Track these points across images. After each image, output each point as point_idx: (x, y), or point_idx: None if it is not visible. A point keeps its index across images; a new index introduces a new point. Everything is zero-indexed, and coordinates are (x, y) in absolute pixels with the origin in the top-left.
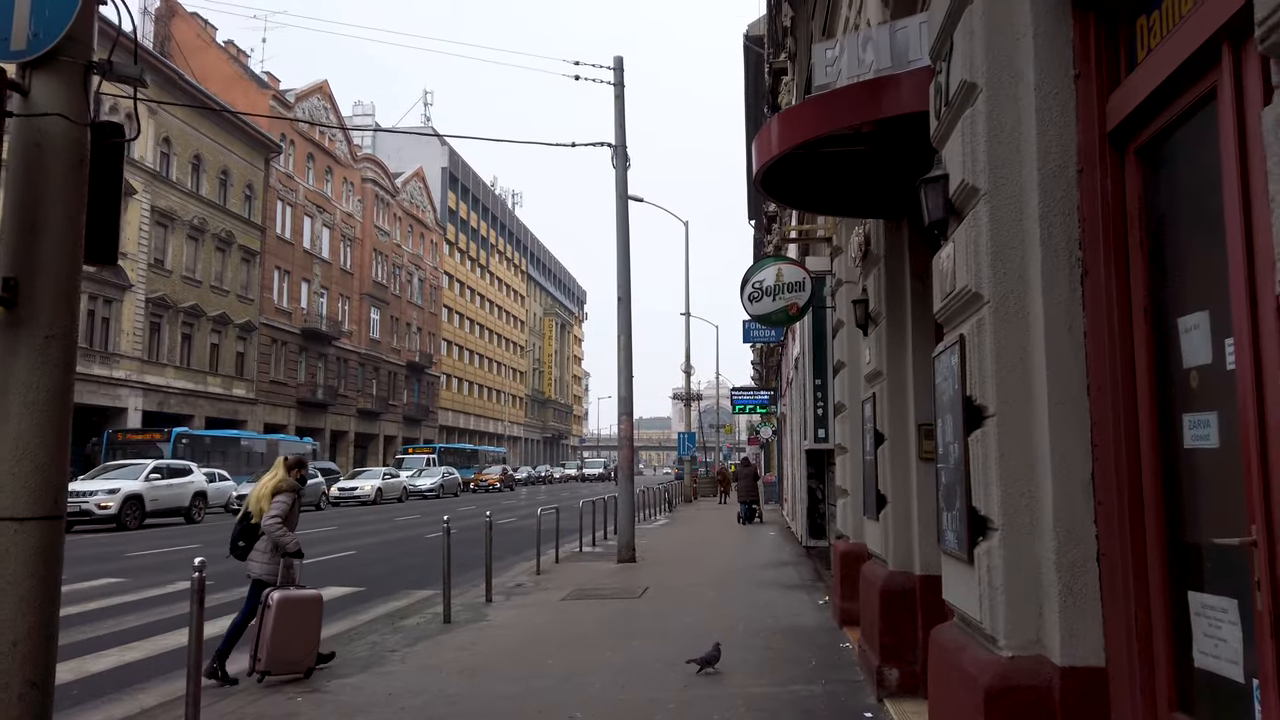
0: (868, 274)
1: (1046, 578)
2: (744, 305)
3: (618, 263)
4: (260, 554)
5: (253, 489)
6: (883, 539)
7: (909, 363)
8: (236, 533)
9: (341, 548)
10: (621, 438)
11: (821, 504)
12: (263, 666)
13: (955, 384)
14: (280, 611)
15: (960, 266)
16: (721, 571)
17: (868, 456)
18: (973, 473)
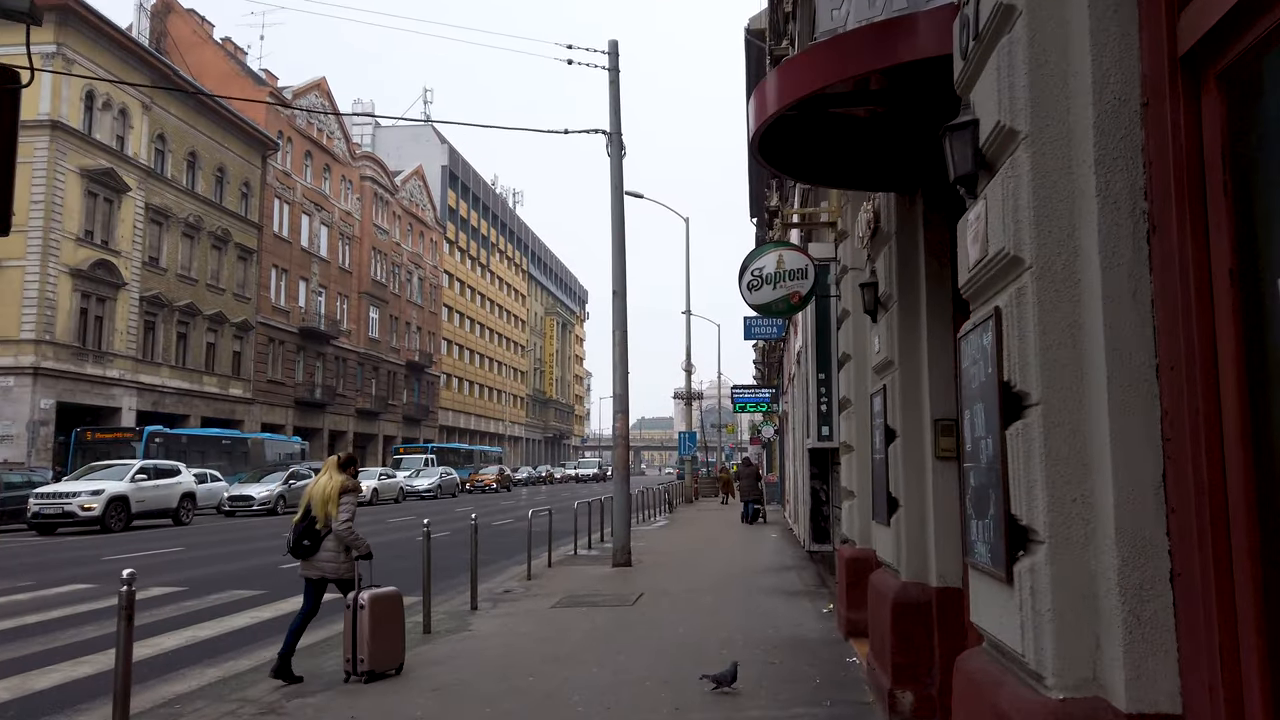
0: (877, 254)
1: (1106, 602)
2: (743, 294)
3: (613, 255)
4: (331, 553)
5: (310, 490)
6: (894, 547)
7: (923, 351)
8: (299, 531)
9: None
10: (617, 436)
11: (825, 506)
12: (366, 666)
13: (988, 368)
14: (373, 610)
15: (995, 227)
16: (720, 576)
17: (877, 455)
18: (1011, 474)
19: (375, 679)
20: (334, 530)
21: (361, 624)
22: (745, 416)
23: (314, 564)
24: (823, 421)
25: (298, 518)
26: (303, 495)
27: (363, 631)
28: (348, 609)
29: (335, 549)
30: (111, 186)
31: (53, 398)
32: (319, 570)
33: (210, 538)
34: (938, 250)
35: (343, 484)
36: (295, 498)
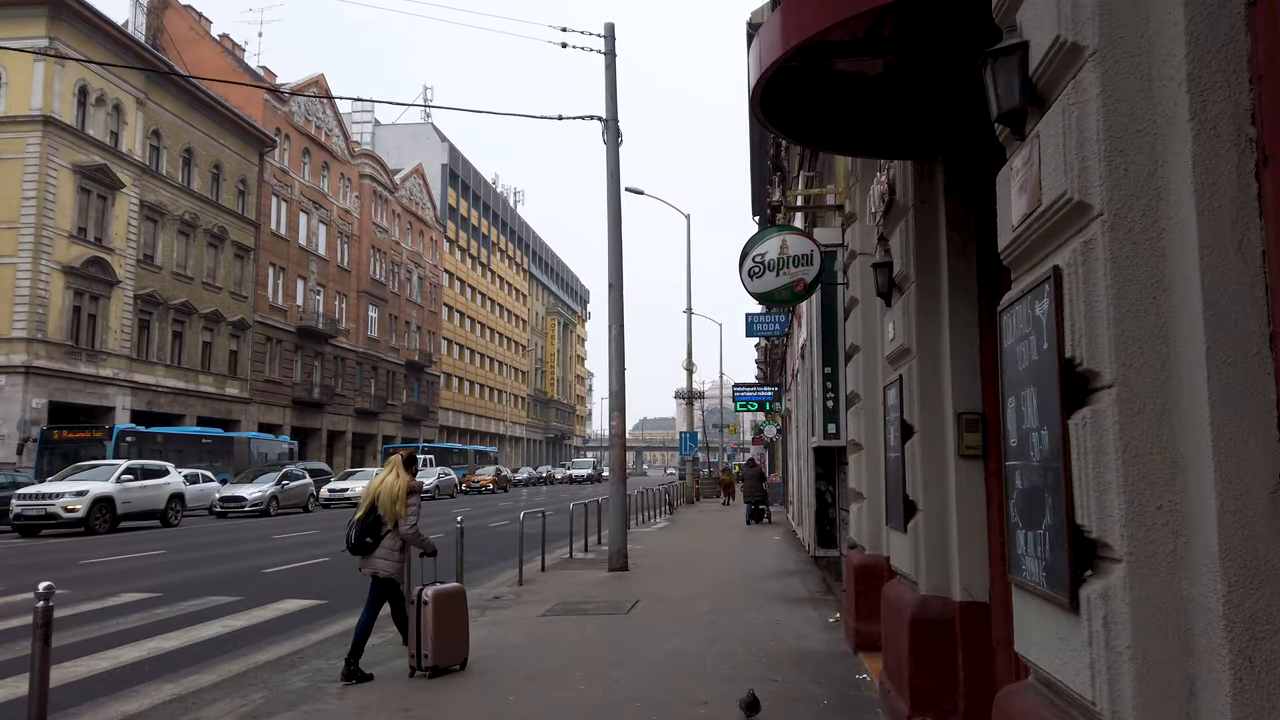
0: (891, 231)
1: (1205, 639)
2: (743, 282)
3: (609, 247)
4: (387, 552)
5: (373, 488)
6: (912, 556)
7: (944, 337)
8: (361, 529)
9: (317, 554)
10: (613, 435)
11: (831, 509)
12: (430, 662)
13: (1043, 343)
14: (437, 605)
15: (1051, 170)
16: (720, 581)
17: (891, 454)
18: (1076, 474)
19: (439, 674)
20: (401, 531)
21: (425, 620)
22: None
23: (371, 561)
24: (829, 418)
25: (359, 515)
26: (365, 492)
27: (426, 627)
28: (411, 605)
29: (391, 548)
30: (105, 183)
31: (45, 397)
32: (374, 567)
33: (197, 540)
34: (961, 224)
35: (409, 484)
36: (289, 499)
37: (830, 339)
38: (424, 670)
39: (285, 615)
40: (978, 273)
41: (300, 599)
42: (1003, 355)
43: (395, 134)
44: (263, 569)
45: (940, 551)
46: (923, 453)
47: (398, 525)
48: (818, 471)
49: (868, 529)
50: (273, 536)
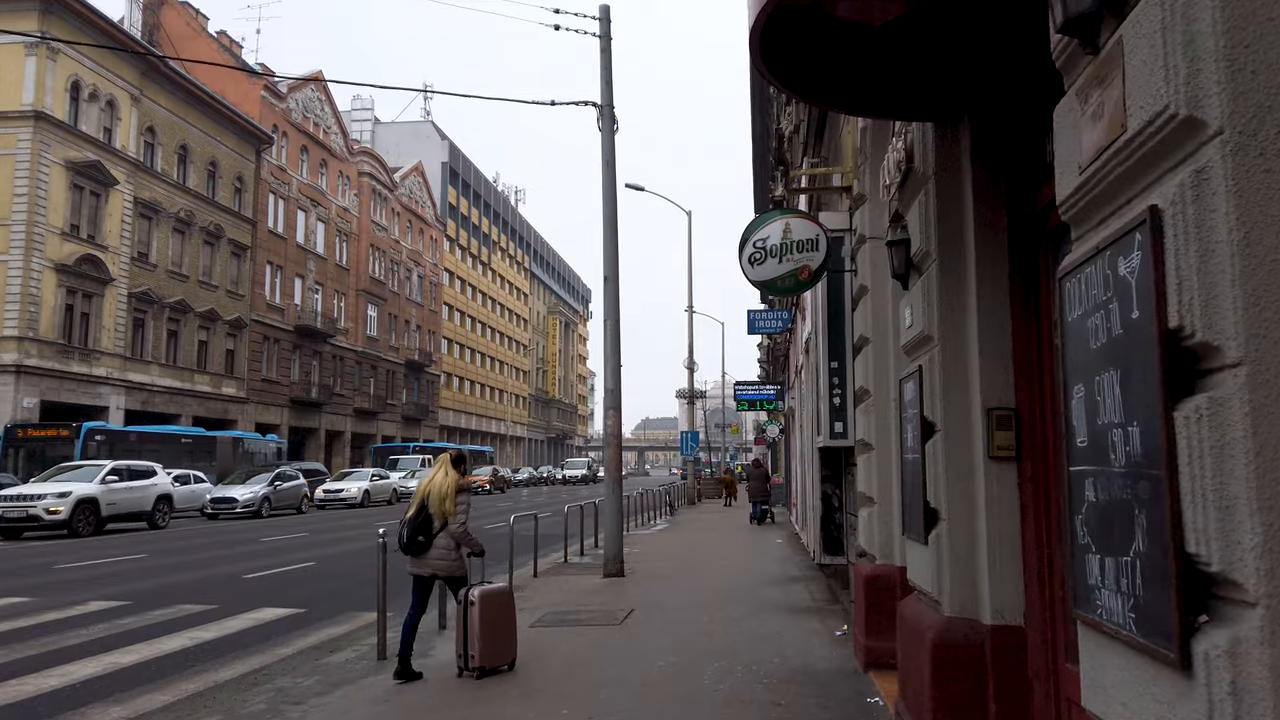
0: (909, 204)
1: None
2: (743, 269)
3: (604, 238)
4: (444, 550)
5: (423, 486)
6: (934, 571)
7: (971, 321)
8: (414, 528)
9: (303, 557)
10: (608, 434)
11: (838, 513)
12: (477, 662)
13: (1132, 309)
14: (484, 606)
15: (1142, 80)
16: (720, 589)
17: (909, 455)
18: (1185, 484)
19: (487, 675)
20: (449, 529)
21: (472, 620)
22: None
23: (426, 561)
24: (835, 417)
25: (411, 514)
26: (415, 491)
27: (473, 628)
28: (459, 605)
29: (447, 546)
30: (98, 180)
31: (36, 396)
32: (430, 567)
33: (181, 543)
34: (989, 193)
35: (459, 483)
36: (282, 500)
37: (837, 331)
38: (471, 671)
39: (259, 626)
40: (1009, 248)
41: (278, 607)
42: (1065, 333)
43: (395, 132)
44: (245, 574)
45: (967, 567)
46: (946, 454)
47: (448, 523)
48: (823, 473)
49: (879, 537)
50: (261, 539)
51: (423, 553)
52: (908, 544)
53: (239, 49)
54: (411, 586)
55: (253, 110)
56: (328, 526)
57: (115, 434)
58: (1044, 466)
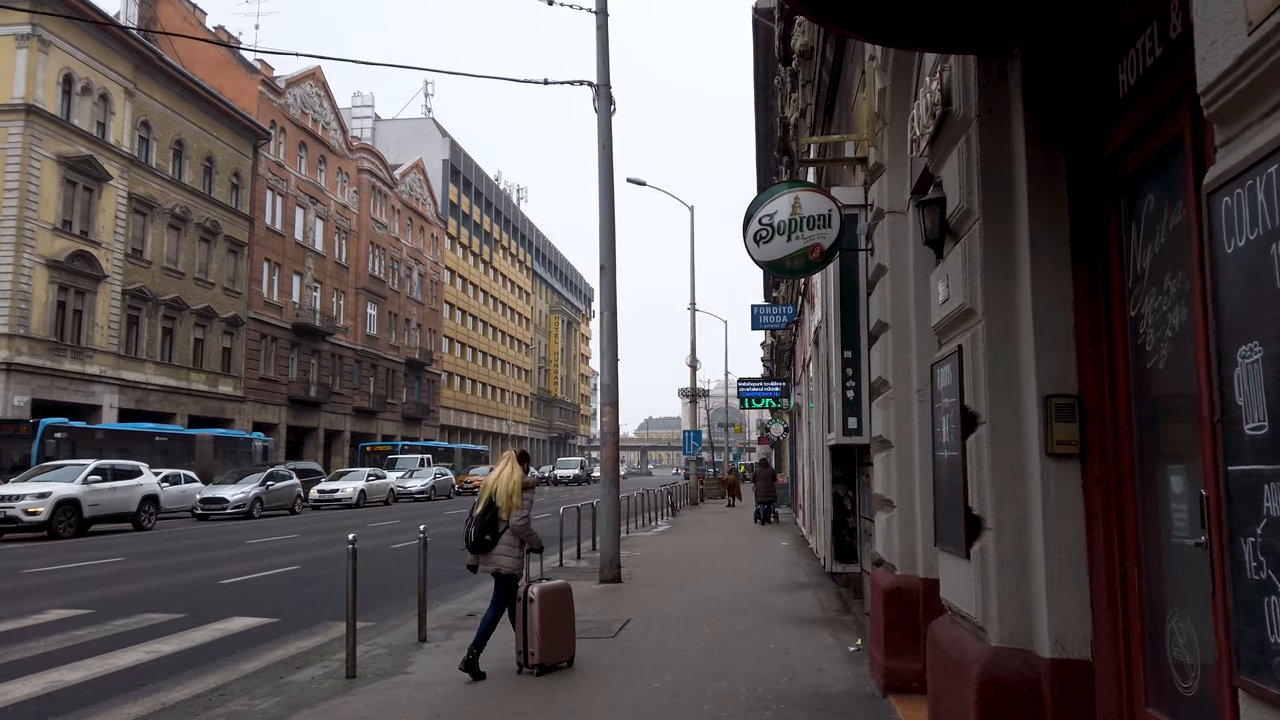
0: (944, 157)
1: None
2: (748, 248)
3: (600, 226)
4: (507, 548)
5: (490, 483)
6: (977, 591)
7: (1023, 291)
8: (482, 525)
9: (288, 561)
10: (604, 433)
11: (851, 517)
12: (537, 659)
13: None
14: (543, 603)
15: None
16: (722, 596)
17: (942, 453)
18: None
19: (546, 672)
20: (511, 525)
21: (532, 617)
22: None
23: (491, 558)
24: (849, 411)
25: (478, 511)
26: (481, 489)
27: (533, 625)
28: (519, 602)
29: (511, 544)
30: (91, 175)
31: (27, 394)
32: (495, 564)
33: (164, 545)
34: (1046, 138)
35: (524, 480)
36: (274, 501)
37: (850, 317)
38: (531, 668)
39: (225, 637)
40: (1070, 201)
41: (250, 616)
42: (1219, 271)
43: (395, 129)
44: (222, 579)
45: (1020, 588)
46: (993, 450)
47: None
48: (835, 474)
49: (899, 544)
50: (246, 541)
51: (489, 550)
52: (941, 557)
53: (237, 44)
54: (494, 585)
55: (250, 105)
56: (320, 528)
57: (78, 432)
58: (1115, 465)
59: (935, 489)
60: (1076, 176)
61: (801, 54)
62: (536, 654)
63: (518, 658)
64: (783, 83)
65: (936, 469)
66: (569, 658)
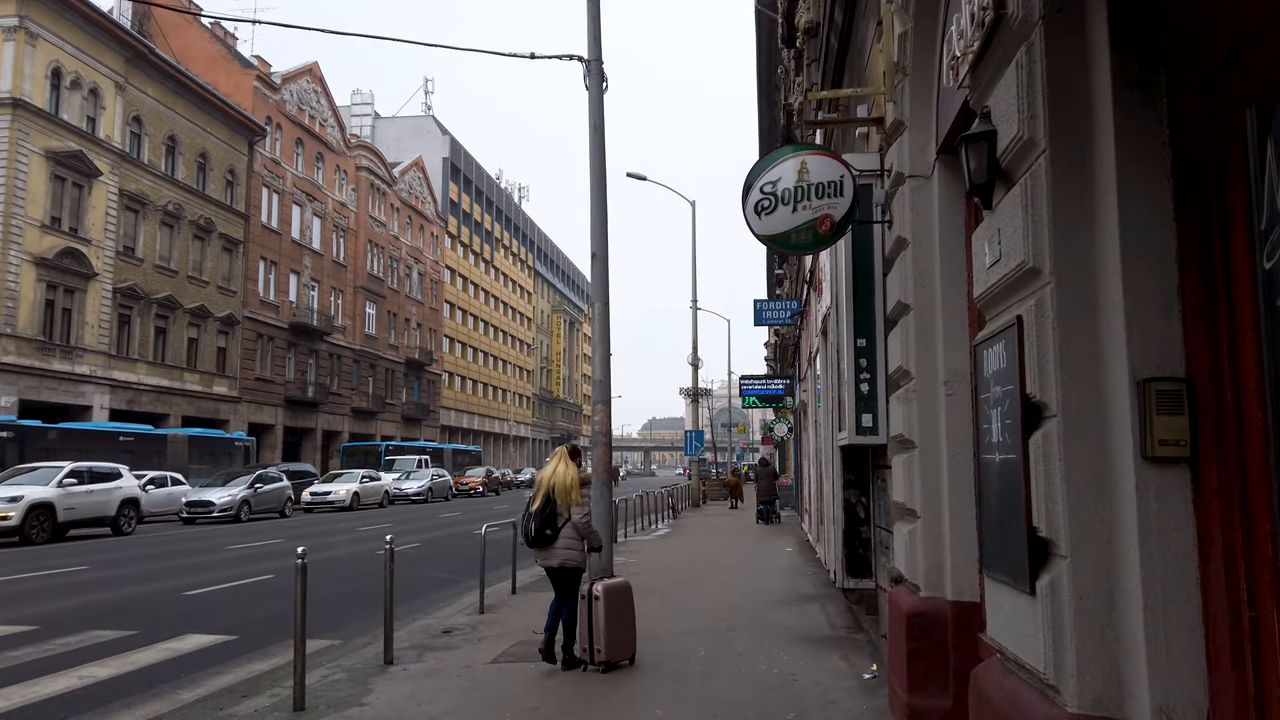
0: (995, 77)
1: None
2: (748, 220)
3: (591, 212)
4: (570, 542)
5: (545, 480)
6: (1045, 638)
7: (1108, 243)
8: (542, 520)
9: (265, 569)
10: (596, 433)
11: (864, 526)
12: (604, 656)
13: None
14: (608, 600)
15: None
16: (722, 610)
17: (991, 455)
18: None
19: (611, 669)
20: (573, 521)
21: (597, 614)
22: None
23: (553, 552)
24: (863, 408)
25: (536, 507)
26: (537, 485)
27: (598, 621)
28: (583, 599)
29: (572, 537)
30: (81, 171)
31: (14, 395)
32: (558, 559)
33: (138, 552)
34: (1134, 36)
35: (582, 476)
36: (263, 503)
37: (864, 301)
38: (596, 665)
39: (173, 659)
40: (1172, 123)
41: (205, 634)
42: None
43: (395, 127)
44: (189, 590)
45: (1106, 637)
46: (1067, 453)
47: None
48: (846, 477)
49: (924, 560)
50: (227, 547)
51: (550, 545)
52: (990, 586)
53: (234, 41)
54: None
55: (245, 101)
56: (309, 532)
57: (27, 431)
58: (1239, 472)
59: (980, 501)
60: (1181, 86)
61: (806, 31)
62: (603, 650)
63: (581, 653)
64: (786, 71)
65: (983, 476)
66: (631, 655)
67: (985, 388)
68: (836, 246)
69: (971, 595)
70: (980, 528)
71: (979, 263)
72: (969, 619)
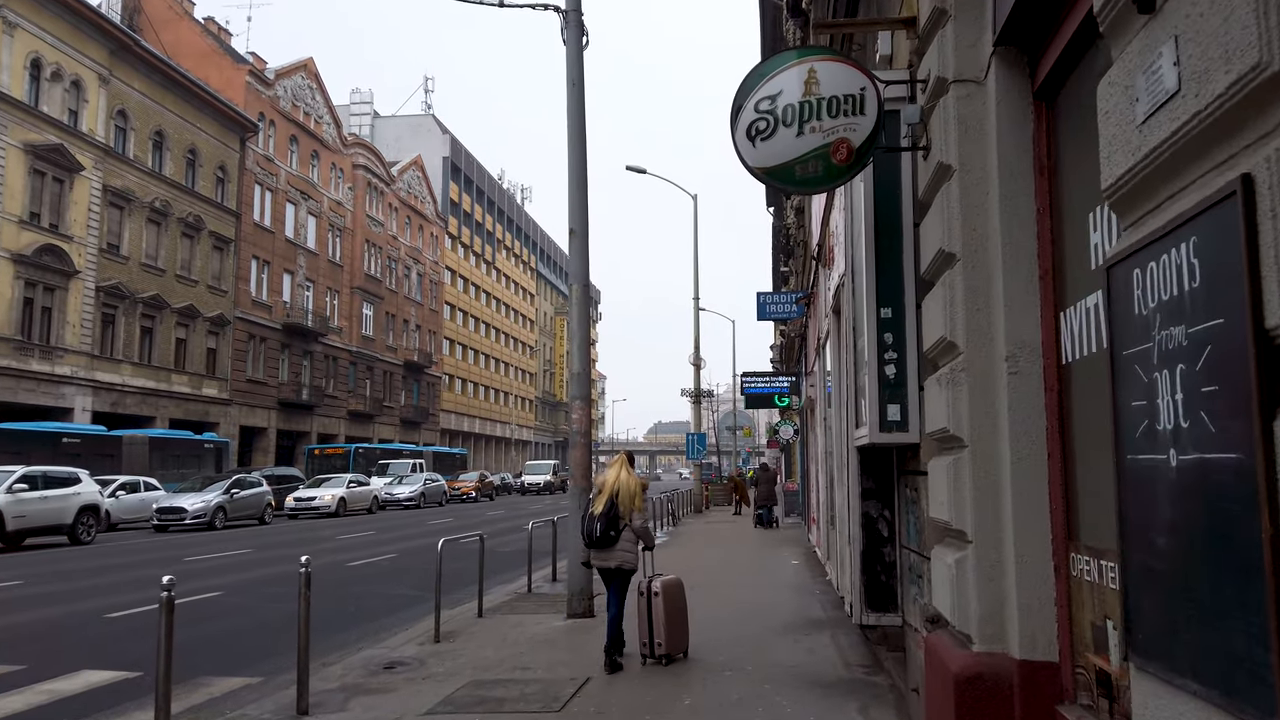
0: None
1: None
2: (739, 150)
3: (569, 185)
4: (630, 544)
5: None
6: None
7: None
8: (606, 523)
9: (213, 585)
10: (574, 433)
11: (888, 546)
12: (664, 650)
13: None
14: (666, 596)
15: None
16: (717, 642)
17: (1167, 456)
18: None
19: (671, 662)
20: (633, 524)
21: (656, 610)
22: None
23: (613, 554)
24: (888, 396)
25: (598, 510)
26: (600, 490)
27: (658, 617)
28: (641, 596)
29: (631, 540)
30: (62, 165)
31: None
32: (617, 560)
33: (86, 564)
34: None
35: (642, 481)
36: (240, 510)
37: (890, 259)
38: (656, 659)
39: (47, 705)
40: None
41: (102, 670)
42: None
43: (395, 126)
44: (113, 611)
45: None
46: None
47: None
48: (865, 485)
49: (979, 601)
50: (185, 558)
51: (611, 546)
52: (1153, 689)
53: (228, 36)
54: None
55: (237, 97)
56: (284, 540)
57: None
58: None
59: (1130, 535)
60: None
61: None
62: (663, 645)
63: (641, 649)
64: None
65: (1136, 493)
66: (685, 649)
67: (1139, 334)
68: (853, 192)
69: (1048, 652)
70: (1128, 582)
71: (1118, 119)
72: (1044, 685)
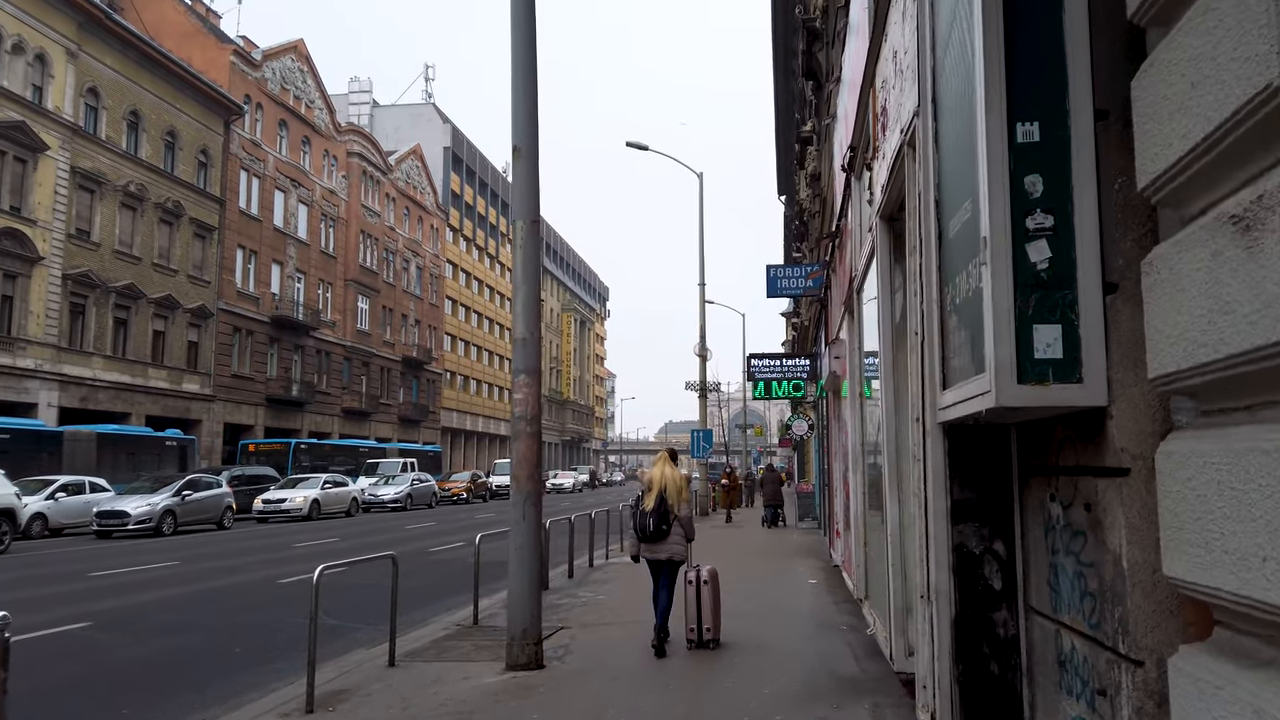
0: None
1: None
2: None
3: (513, 88)
4: (681, 537)
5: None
6: None
7: None
8: (659, 517)
9: (87, 613)
10: (517, 418)
11: (1006, 609)
12: (712, 635)
13: None
14: (713, 584)
15: None
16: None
17: None
18: None
19: (718, 646)
20: (679, 516)
21: (705, 598)
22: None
23: (664, 546)
24: (1035, 306)
25: (650, 506)
26: (650, 486)
27: (706, 604)
28: (690, 584)
29: (680, 532)
30: (23, 144)
31: None
32: (668, 552)
33: (35, 572)
34: None
35: (687, 476)
36: (194, 514)
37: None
38: (705, 643)
39: None
40: None
41: None
42: None
43: (394, 116)
44: None
45: None
46: None
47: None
48: (955, 497)
49: None
50: (90, 574)
51: (663, 539)
52: None
53: (215, 18)
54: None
55: (221, 78)
56: (226, 550)
57: None
58: None
59: None
60: None
61: None
62: (711, 630)
63: (688, 634)
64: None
65: None
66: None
67: None
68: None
69: None
70: None
71: None
72: None
